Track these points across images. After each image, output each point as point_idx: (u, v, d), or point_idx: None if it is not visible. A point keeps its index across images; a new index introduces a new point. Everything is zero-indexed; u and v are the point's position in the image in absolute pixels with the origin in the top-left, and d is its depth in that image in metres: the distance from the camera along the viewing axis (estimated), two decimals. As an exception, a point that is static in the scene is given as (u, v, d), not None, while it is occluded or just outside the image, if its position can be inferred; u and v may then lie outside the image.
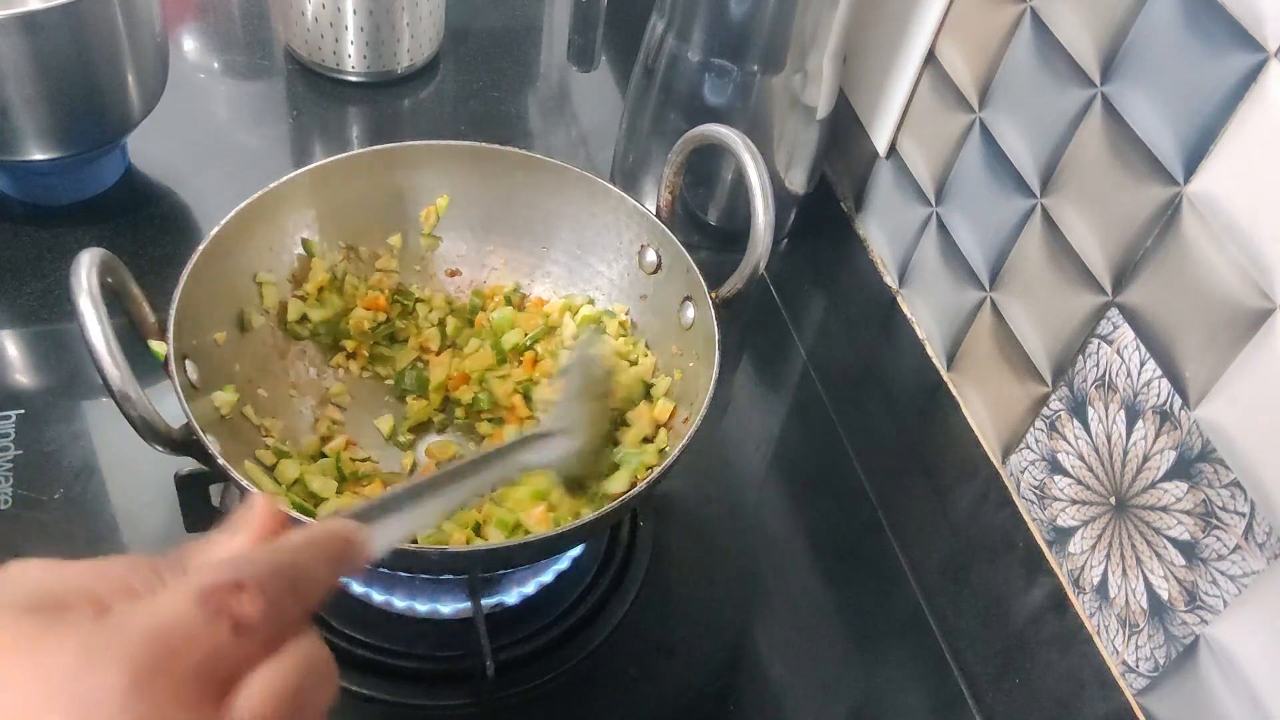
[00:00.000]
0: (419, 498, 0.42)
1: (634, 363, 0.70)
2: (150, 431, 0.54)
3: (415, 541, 0.61)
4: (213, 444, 0.54)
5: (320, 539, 0.34)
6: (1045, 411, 0.71)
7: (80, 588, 0.30)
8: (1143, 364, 0.62)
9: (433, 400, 0.71)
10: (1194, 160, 0.57)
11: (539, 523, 0.61)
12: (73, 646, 0.28)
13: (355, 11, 0.94)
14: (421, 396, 0.71)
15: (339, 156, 0.70)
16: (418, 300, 0.74)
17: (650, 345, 0.72)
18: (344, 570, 0.35)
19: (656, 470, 0.57)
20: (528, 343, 0.72)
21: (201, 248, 0.62)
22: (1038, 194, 0.70)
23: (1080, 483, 0.68)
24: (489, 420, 0.70)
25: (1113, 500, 0.65)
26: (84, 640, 0.28)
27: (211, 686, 0.29)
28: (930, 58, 0.80)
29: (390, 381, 0.72)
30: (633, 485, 0.62)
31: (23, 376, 0.73)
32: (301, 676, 0.31)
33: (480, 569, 0.60)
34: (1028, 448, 0.73)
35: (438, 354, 0.73)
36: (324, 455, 0.66)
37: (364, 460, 0.67)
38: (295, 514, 0.53)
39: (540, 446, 0.56)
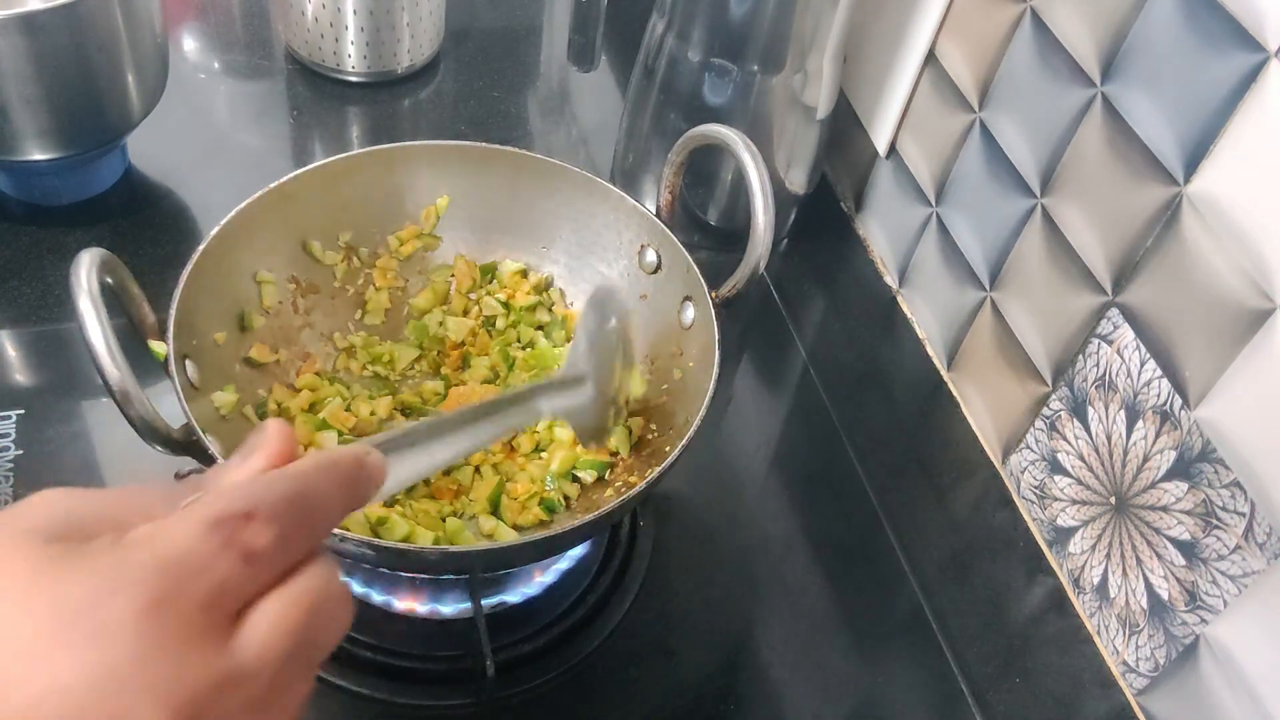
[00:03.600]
0: (436, 435, 0.42)
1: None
2: (150, 431, 0.54)
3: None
4: (213, 444, 0.54)
5: (334, 464, 0.34)
6: (1045, 411, 0.71)
7: (103, 514, 0.30)
8: (1143, 364, 0.62)
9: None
10: (1194, 160, 0.57)
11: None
12: (87, 576, 0.28)
13: (355, 11, 0.93)
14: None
15: (339, 156, 0.70)
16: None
17: (650, 345, 0.72)
18: (357, 498, 0.35)
19: (657, 470, 0.57)
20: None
21: (201, 248, 0.62)
22: (1038, 194, 0.70)
23: (1080, 483, 0.68)
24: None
25: (1113, 500, 0.65)
26: (99, 570, 0.28)
27: (221, 615, 0.29)
28: (930, 58, 0.81)
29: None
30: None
31: (23, 376, 0.73)
32: (312, 605, 0.31)
33: (480, 569, 0.60)
34: (1028, 448, 0.73)
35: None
36: None
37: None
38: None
39: (557, 394, 0.55)
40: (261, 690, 0.29)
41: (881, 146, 0.88)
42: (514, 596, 0.64)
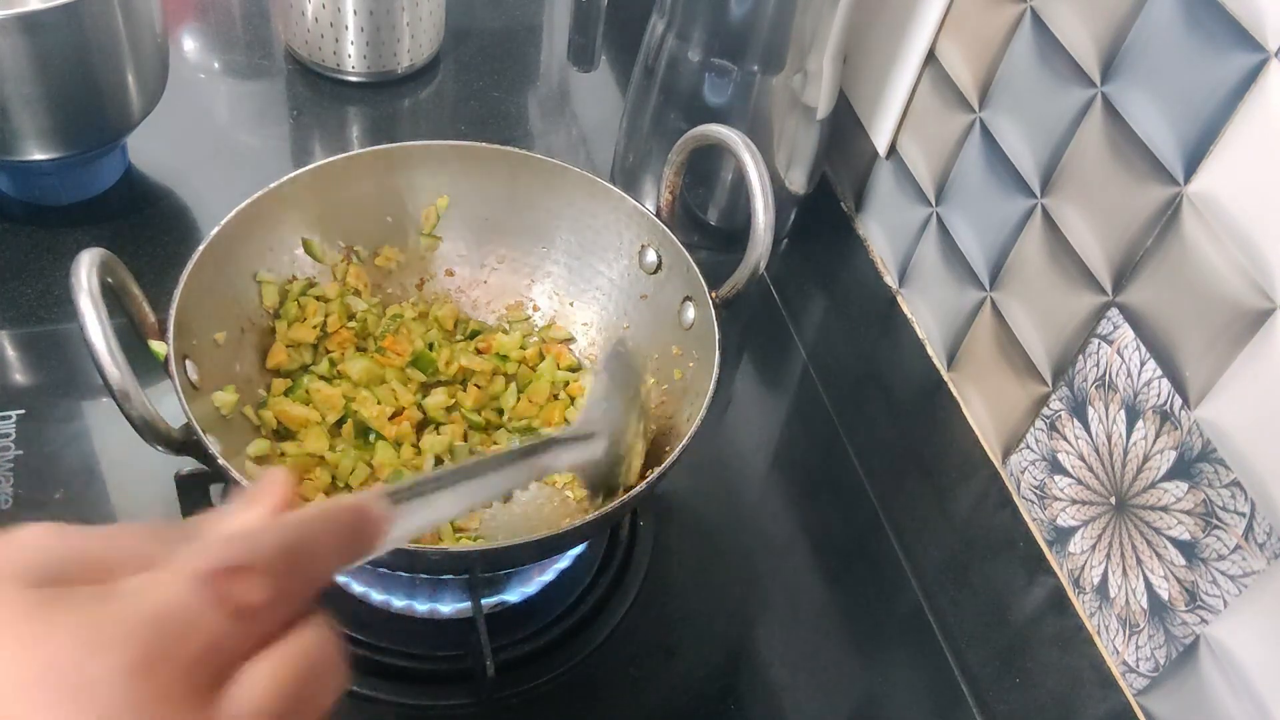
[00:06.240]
0: (446, 486, 0.39)
1: None
2: (150, 431, 0.54)
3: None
4: (213, 444, 0.54)
5: (335, 514, 0.32)
6: (1045, 411, 0.71)
7: (90, 558, 0.29)
8: (1143, 364, 0.62)
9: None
10: (1194, 160, 0.57)
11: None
12: (70, 629, 0.27)
13: (355, 11, 0.94)
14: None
15: (339, 156, 0.70)
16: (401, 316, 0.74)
17: (650, 346, 0.72)
18: (358, 550, 0.33)
19: (657, 470, 0.57)
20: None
21: (201, 248, 0.62)
22: (1038, 194, 0.70)
23: (1080, 483, 0.68)
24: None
25: (1113, 500, 0.65)
26: (82, 622, 0.27)
27: (210, 674, 0.28)
28: (930, 58, 0.80)
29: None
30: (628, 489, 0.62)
31: (23, 376, 0.73)
32: (306, 666, 0.29)
33: (480, 568, 0.60)
34: (1028, 448, 0.73)
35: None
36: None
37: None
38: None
39: (569, 449, 0.53)
40: None
41: (881, 146, 0.88)
42: (514, 596, 0.64)
